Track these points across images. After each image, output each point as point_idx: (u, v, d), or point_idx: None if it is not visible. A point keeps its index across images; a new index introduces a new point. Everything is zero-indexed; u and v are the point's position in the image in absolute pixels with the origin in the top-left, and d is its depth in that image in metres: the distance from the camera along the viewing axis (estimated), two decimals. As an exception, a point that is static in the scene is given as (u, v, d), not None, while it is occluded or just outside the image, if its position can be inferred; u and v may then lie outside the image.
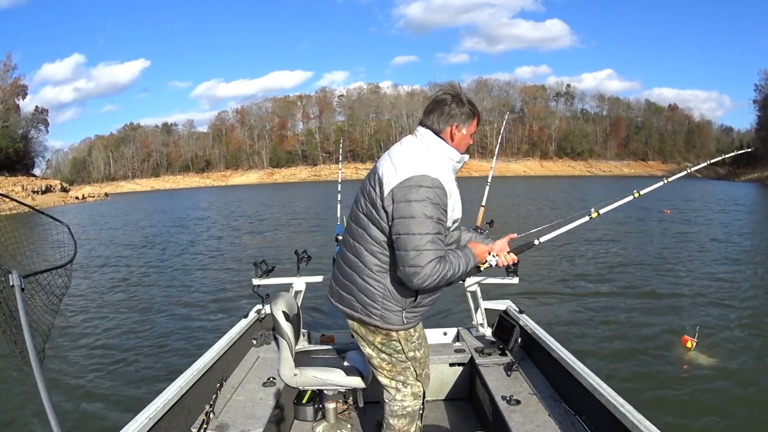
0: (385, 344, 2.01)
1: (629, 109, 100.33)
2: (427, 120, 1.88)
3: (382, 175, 1.82)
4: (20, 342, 1.41)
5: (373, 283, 1.89)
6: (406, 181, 1.75)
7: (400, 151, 1.87)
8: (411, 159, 1.80)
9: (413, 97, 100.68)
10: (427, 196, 1.73)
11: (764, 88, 71.55)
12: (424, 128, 1.88)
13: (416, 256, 1.73)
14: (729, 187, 48.13)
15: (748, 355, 4.92)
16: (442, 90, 1.90)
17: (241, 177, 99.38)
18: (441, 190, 1.76)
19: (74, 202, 49.94)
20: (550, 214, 20.07)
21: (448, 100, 1.86)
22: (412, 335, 2.01)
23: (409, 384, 2.08)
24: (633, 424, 1.91)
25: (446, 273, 1.78)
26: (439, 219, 1.76)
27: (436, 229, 1.75)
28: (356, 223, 1.92)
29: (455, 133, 1.86)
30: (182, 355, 5.18)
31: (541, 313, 6.06)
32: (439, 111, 1.86)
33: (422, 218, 1.72)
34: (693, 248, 11.17)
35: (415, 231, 1.73)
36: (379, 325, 1.95)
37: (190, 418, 2.32)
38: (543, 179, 70.72)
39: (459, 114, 1.86)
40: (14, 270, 1.39)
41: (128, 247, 14.55)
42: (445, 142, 1.85)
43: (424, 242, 1.73)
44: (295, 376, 2.52)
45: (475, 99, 2.53)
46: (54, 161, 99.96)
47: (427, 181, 1.74)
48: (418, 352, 2.05)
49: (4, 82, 57.90)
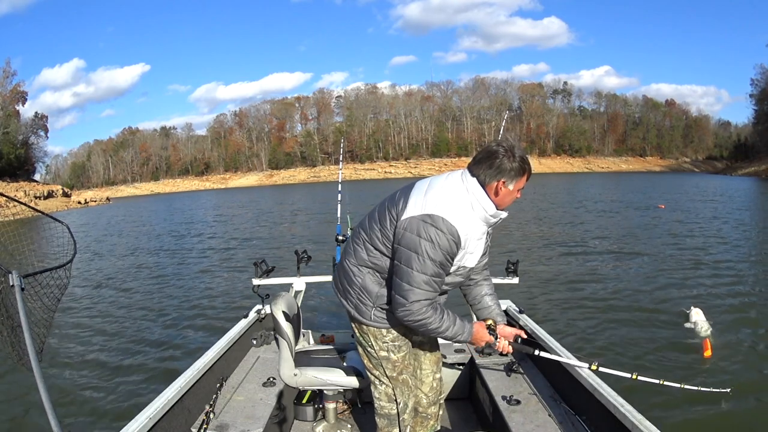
0: (359, 335, 2.06)
1: (627, 105, 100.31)
2: (475, 169, 1.82)
3: (412, 195, 1.84)
4: (17, 343, 1.41)
5: (356, 272, 1.95)
6: (427, 216, 1.75)
7: (440, 184, 1.85)
8: (443, 198, 1.79)
9: (411, 97, 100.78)
10: (438, 240, 1.73)
11: (760, 82, 71.36)
12: (471, 175, 1.82)
13: (408, 290, 1.77)
14: (726, 181, 48.09)
15: (754, 355, 4.83)
16: (497, 142, 1.84)
17: (240, 179, 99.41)
18: (454, 239, 1.75)
19: (77, 207, 50.22)
20: (549, 215, 20.11)
21: (500, 153, 1.79)
22: (384, 335, 2.01)
23: (383, 383, 2.09)
24: (633, 424, 1.91)
25: (430, 323, 1.82)
26: (442, 264, 1.77)
27: (436, 273, 1.77)
28: (371, 217, 1.95)
29: (501, 189, 1.80)
30: (182, 355, 5.19)
31: (541, 313, 6.07)
32: (488, 164, 1.79)
33: (425, 257, 1.74)
34: (694, 245, 11.14)
35: (414, 267, 1.75)
36: (352, 313, 2.01)
37: (190, 418, 2.32)
38: (541, 176, 70.70)
39: (508, 170, 1.78)
40: (14, 270, 1.40)
41: (129, 248, 14.59)
42: (487, 195, 1.81)
43: (419, 281, 1.76)
44: (295, 376, 2.52)
45: (472, 98, 2.50)
46: (53, 167, 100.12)
47: (444, 226, 1.74)
48: (393, 354, 2.04)
49: (4, 89, 57.92)
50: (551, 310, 6.45)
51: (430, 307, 1.80)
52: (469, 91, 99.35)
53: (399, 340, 2.03)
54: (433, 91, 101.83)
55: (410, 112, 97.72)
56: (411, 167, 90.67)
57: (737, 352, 4.85)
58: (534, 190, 34.94)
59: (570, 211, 19.94)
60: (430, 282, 1.77)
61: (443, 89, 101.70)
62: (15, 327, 1.40)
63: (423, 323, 1.82)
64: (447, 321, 1.86)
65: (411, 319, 1.81)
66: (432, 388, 2.23)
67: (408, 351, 2.08)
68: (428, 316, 1.81)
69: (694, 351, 4.85)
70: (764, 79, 70.29)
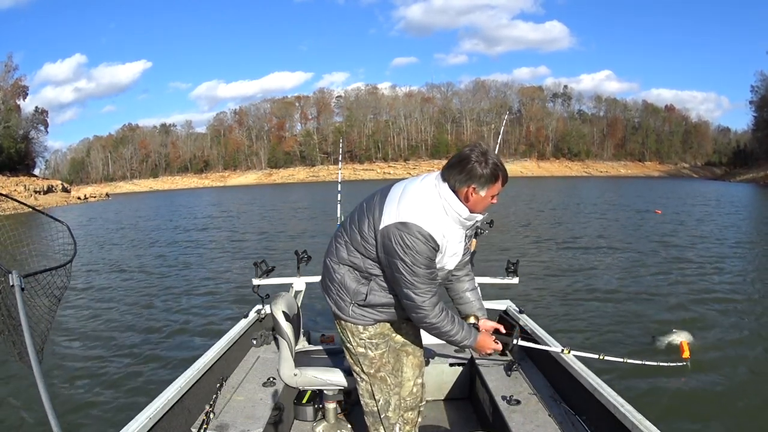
0: (340, 331, 2.07)
1: (626, 109, 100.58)
2: (447, 173, 1.80)
3: (387, 203, 1.83)
4: (18, 342, 1.40)
5: (336, 269, 1.97)
6: (401, 225, 1.76)
7: (413, 190, 1.84)
8: (416, 205, 1.79)
9: (411, 98, 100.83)
10: (416, 245, 1.75)
11: (760, 89, 71.66)
12: (442, 180, 1.81)
13: (411, 294, 1.81)
14: (724, 187, 48.27)
15: (746, 356, 4.94)
16: (470, 146, 1.80)
17: (239, 178, 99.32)
18: (431, 243, 1.76)
19: (77, 202, 50.09)
20: (547, 216, 20.14)
21: (472, 159, 1.76)
22: (360, 332, 2.00)
23: (363, 380, 2.09)
24: (633, 424, 1.91)
25: (444, 325, 1.88)
26: (427, 264, 1.79)
27: (426, 272, 1.79)
28: (351, 220, 1.96)
29: (471, 195, 1.78)
30: (182, 355, 5.16)
31: (541, 312, 6.08)
32: (459, 169, 1.77)
33: (410, 262, 1.76)
34: (690, 249, 11.18)
35: (405, 273, 1.78)
36: (333, 309, 2.04)
37: (190, 418, 2.31)
38: (540, 180, 70.84)
39: (479, 176, 1.76)
40: (14, 270, 1.39)
41: (129, 248, 14.54)
42: (459, 199, 1.79)
43: (414, 282, 1.79)
44: (295, 376, 2.51)
45: (472, 100, 2.49)
46: (53, 162, 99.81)
47: (418, 232, 1.74)
48: (370, 350, 2.03)
49: (6, 83, 57.90)
50: (552, 309, 6.48)
51: (443, 311, 1.86)
52: (469, 93, 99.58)
53: (377, 338, 2.03)
54: (433, 93, 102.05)
55: (410, 114, 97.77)
56: (410, 168, 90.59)
57: (714, 348, 5.14)
58: (532, 192, 35.00)
59: (567, 214, 20.00)
60: (424, 279, 1.79)
61: (443, 91, 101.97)
62: (17, 326, 1.39)
63: (438, 325, 1.87)
64: (457, 326, 1.91)
65: (429, 321, 1.86)
66: (411, 393, 2.20)
67: (387, 349, 2.07)
68: (442, 318, 1.86)
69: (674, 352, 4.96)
70: (764, 86, 70.68)
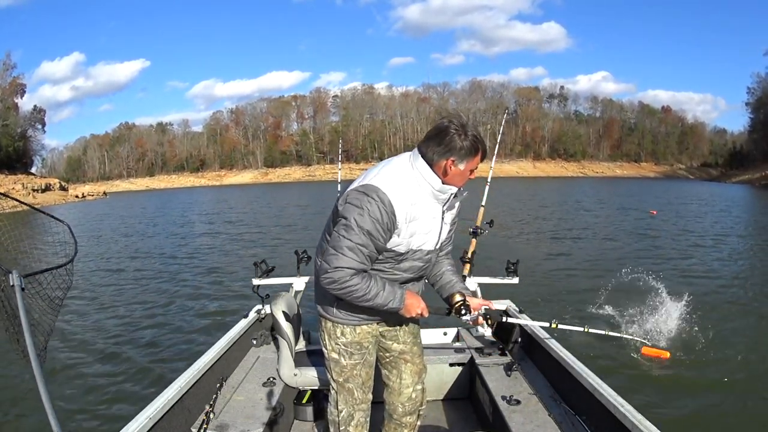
0: (320, 330, 2.00)
1: (622, 110, 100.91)
2: (424, 146, 1.73)
3: (357, 179, 1.80)
4: (22, 341, 1.40)
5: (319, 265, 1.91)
6: (362, 187, 1.70)
7: (387, 163, 1.80)
8: (383, 172, 1.74)
9: (407, 98, 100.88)
10: (368, 207, 1.66)
11: (756, 90, 72.09)
12: (418, 153, 1.74)
13: (332, 255, 1.69)
14: (719, 188, 48.52)
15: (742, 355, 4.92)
16: (448, 118, 1.72)
17: (235, 177, 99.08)
18: (386, 208, 1.66)
19: (74, 201, 49.95)
20: (546, 217, 20.18)
21: (450, 130, 1.68)
22: (338, 335, 1.93)
23: (332, 386, 2.01)
24: (633, 424, 1.91)
25: (356, 290, 1.71)
26: (370, 233, 1.67)
27: (362, 242, 1.67)
28: (331, 215, 1.90)
29: (450, 168, 1.70)
30: (182, 355, 5.15)
31: (541, 312, 6.08)
32: (437, 140, 1.69)
33: (353, 224, 1.67)
34: (684, 247, 11.27)
35: (341, 233, 1.69)
36: (317, 307, 1.97)
37: (190, 418, 2.30)
38: (536, 180, 70.98)
39: (458, 149, 1.68)
40: (14, 270, 1.38)
41: (128, 247, 14.46)
42: (435, 173, 1.72)
43: (344, 246, 1.67)
44: (295, 376, 2.52)
45: (468, 100, 2.47)
46: (49, 160, 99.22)
47: (376, 195, 1.67)
48: (343, 358, 1.94)
49: (4, 81, 57.64)
50: (551, 310, 6.49)
51: (356, 276, 1.69)
52: (466, 93, 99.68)
53: (353, 347, 1.93)
54: (430, 93, 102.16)
55: (406, 113, 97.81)
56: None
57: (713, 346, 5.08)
58: (529, 192, 35.07)
59: (564, 215, 20.06)
60: (355, 249, 1.67)
61: (440, 91, 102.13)
62: (19, 324, 1.38)
63: (348, 291, 1.71)
64: (375, 288, 1.73)
65: (334, 287, 1.71)
66: (410, 398, 2.12)
67: (361, 362, 1.96)
68: (353, 283, 1.70)
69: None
70: (760, 88, 71.05)
